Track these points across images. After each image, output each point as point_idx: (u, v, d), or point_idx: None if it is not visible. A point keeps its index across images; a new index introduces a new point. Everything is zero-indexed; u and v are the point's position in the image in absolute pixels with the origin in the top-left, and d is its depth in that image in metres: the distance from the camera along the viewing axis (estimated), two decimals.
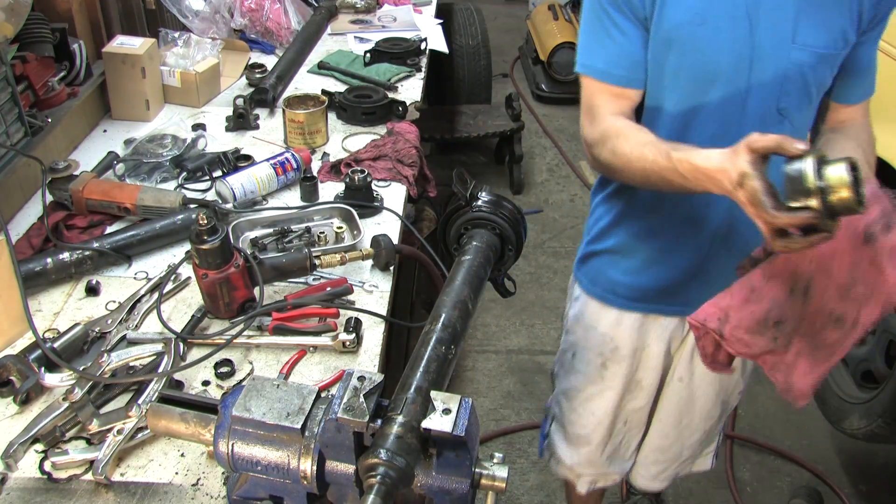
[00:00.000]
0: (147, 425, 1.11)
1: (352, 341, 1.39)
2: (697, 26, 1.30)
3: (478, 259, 1.17)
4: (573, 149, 4.82)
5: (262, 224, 1.72)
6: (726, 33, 1.30)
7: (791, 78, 1.34)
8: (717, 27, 1.30)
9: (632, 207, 1.56)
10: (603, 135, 1.37)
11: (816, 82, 1.37)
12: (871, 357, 2.54)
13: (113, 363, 1.27)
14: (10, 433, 1.18)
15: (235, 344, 1.38)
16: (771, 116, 1.37)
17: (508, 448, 2.80)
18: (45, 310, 1.48)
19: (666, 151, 1.22)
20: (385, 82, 2.45)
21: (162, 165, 1.91)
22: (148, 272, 1.58)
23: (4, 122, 1.74)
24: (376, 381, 0.85)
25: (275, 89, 2.29)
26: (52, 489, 1.12)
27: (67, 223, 1.69)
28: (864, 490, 2.71)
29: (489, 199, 1.27)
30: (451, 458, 0.81)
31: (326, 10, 2.86)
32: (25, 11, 1.79)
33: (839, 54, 1.35)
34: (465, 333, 1.02)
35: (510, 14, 6.80)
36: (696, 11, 1.30)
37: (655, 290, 1.61)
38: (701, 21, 1.30)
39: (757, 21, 1.30)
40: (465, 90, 4.37)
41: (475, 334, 3.33)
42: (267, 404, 0.86)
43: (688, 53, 1.33)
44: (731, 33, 1.30)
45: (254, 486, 0.91)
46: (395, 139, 2.05)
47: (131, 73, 2.12)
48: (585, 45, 1.41)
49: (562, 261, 3.83)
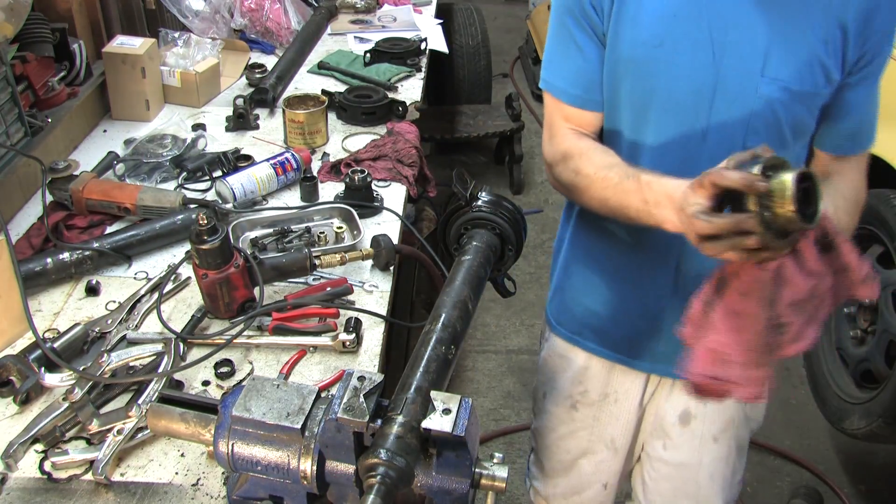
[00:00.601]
0: (147, 425, 1.11)
1: (352, 341, 1.39)
2: (654, 48, 1.20)
3: (478, 259, 1.17)
4: None
5: (262, 224, 1.72)
6: (685, 57, 1.19)
7: (759, 115, 1.21)
8: (676, 50, 1.19)
9: (592, 240, 1.47)
10: (564, 154, 1.31)
11: (791, 123, 1.23)
12: (871, 357, 2.54)
13: (113, 363, 1.26)
14: (10, 433, 1.18)
15: (235, 344, 1.38)
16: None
17: (508, 448, 2.80)
18: (45, 310, 1.48)
19: (635, 174, 1.16)
20: (385, 82, 2.45)
21: (162, 165, 1.91)
22: (148, 272, 1.58)
23: (4, 122, 1.74)
24: (376, 381, 0.85)
25: (275, 89, 2.29)
26: (52, 489, 1.12)
27: (67, 223, 1.69)
28: (864, 490, 2.71)
29: (489, 199, 1.27)
30: (451, 458, 0.81)
31: (326, 10, 2.86)
32: (25, 11, 1.79)
33: (819, 93, 1.21)
34: (465, 333, 1.02)
35: (510, 14, 6.80)
36: (653, 31, 1.19)
37: (620, 338, 1.50)
38: (658, 42, 1.19)
39: (722, 47, 1.18)
40: (465, 90, 4.37)
41: (475, 334, 3.33)
42: (267, 404, 0.86)
43: (643, 78, 1.22)
44: (691, 59, 1.19)
45: (254, 486, 0.91)
46: (395, 139, 2.05)
47: (131, 73, 2.12)
48: (547, 59, 1.34)
49: None
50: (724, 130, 1.22)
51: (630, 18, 1.20)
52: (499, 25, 6.45)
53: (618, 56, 1.23)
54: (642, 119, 1.26)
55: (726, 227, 0.96)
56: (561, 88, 1.32)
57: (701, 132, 1.23)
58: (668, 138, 1.25)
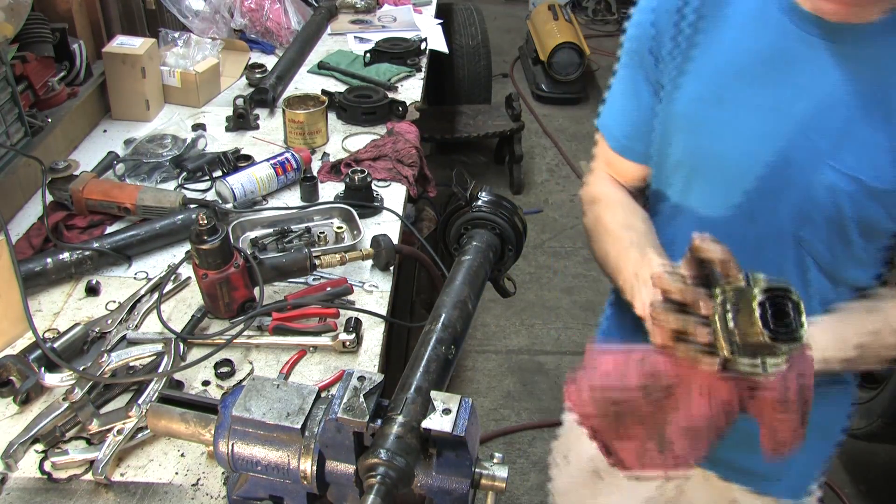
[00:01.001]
0: (147, 425, 1.11)
1: (352, 341, 1.39)
2: (710, 106, 1.06)
3: (478, 259, 1.16)
4: (573, 149, 4.82)
5: (262, 224, 1.72)
6: (743, 123, 1.04)
7: (819, 205, 1.02)
8: (734, 114, 1.04)
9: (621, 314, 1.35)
10: (593, 198, 1.26)
11: (859, 221, 1.02)
12: None
13: (113, 363, 1.26)
14: (10, 433, 1.18)
15: (235, 344, 1.38)
16: (786, 245, 1.08)
17: (508, 448, 2.80)
18: (45, 310, 1.48)
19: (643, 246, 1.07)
20: (385, 82, 2.45)
21: (162, 165, 1.91)
22: (148, 272, 1.58)
23: (4, 122, 1.74)
24: (376, 381, 0.84)
25: (275, 89, 2.29)
26: (52, 489, 1.12)
27: (67, 223, 1.69)
28: (864, 490, 2.71)
29: (489, 199, 1.27)
30: (451, 458, 0.81)
31: (326, 10, 2.86)
32: (25, 11, 1.79)
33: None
34: (465, 333, 1.02)
35: (510, 14, 6.80)
36: (712, 88, 1.05)
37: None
38: (716, 101, 1.05)
39: (788, 118, 1.01)
40: (465, 90, 4.37)
41: (475, 334, 3.33)
42: (267, 404, 0.86)
43: (694, 139, 1.09)
44: (750, 125, 1.04)
45: (254, 486, 0.91)
46: (395, 139, 2.05)
47: (131, 73, 2.12)
48: (608, 96, 1.25)
49: (562, 261, 3.83)
50: (775, 215, 1.06)
51: (693, 70, 1.07)
52: (499, 25, 6.45)
53: (672, 109, 1.11)
54: (689, 184, 1.14)
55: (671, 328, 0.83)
56: (609, 131, 1.25)
57: (749, 212, 1.08)
58: (713, 212, 1.11)
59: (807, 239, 1.06)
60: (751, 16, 1.04)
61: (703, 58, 1.07)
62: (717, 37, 1.06)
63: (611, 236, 1.16)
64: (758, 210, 1.07)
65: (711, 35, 1.07)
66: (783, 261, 1.07)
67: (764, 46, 1.03)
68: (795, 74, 1.01)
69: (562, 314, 3.50)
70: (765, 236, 1.07)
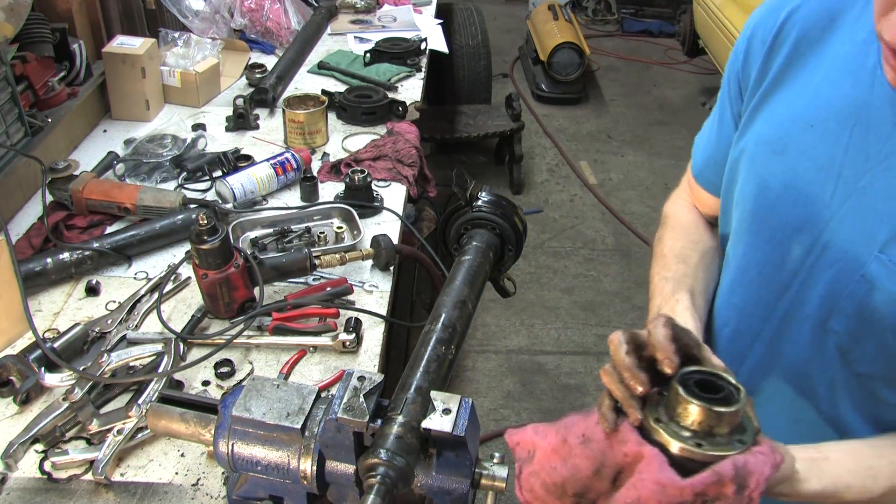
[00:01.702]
0: (147, 425, 1.11)
1: (352, 341, 1.39)
2: (773, 153, 0.96)
3: (478, 259, 1.16)
4: (573, 149, 4.82)
5: (262, 224, 1.72)
6: (800, 181, 0.93)
7: (855, 299, 0.89)
8: (794, 168, 0.93)
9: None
10: (665, 216, 1.23)
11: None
12: None
13: (113, 363, 1.26)
14: (10, 433, 1.18)
15: (235, 344, 1.38)
16: (815, 334, 0.96)
17: (508, 448, 2.80)
18: (45, 310, 1.48)
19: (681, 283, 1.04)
20: (385, 82, 2.45)
21: (162, 165, 1.91)
22: (148, 272, 1.58)
23: (4, 122, 1.74)
24: (376, 381, 0.84)
25: (275, 89, 2.29)
26: (52, 489, 1.12)
27: (67, 223, 1.69)
28: None
29: (489, 199, 1.27)
30: (451, 458, 0.81)
31: (326, 10, 2.86)
32: (25, 11, 1.79)
33: None
34: (465, 333, 1.02)
35: (510, 14, 6.81)
36: (780, 134, 0.95)
37: None
38: (781, 149, 0.95)
39: (846, 192, 0.88)
40: (465, 90, 4.37)
41: (475, 334, 3.33)
42: (267, 404, 0.86)
43: (753, 182, 1.00)
44: (805, 186, 0.92)
45: (254, 486, 0.91)
46: (395, 139, 2.05)
47: (131, 73, 2.12)
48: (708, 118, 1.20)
49: (562, 261, 3.83)
50: (808, 293, 0.95)
51: (770, 109, 0.99)
52: (499, 25, 6.45)
53: (743, 146, 1.03)
54: (741, 228, 1.05)
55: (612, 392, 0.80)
56: (694, 152, 1.21)
57: (785, 282, 0.98)
58: (753, 267, 1.03)
59: (836, 330, 0.93)
60: (846, 60, 0.92)
61: (784, 98, 0.98)
62: (805, 79, 0.96)
63: (661, 261, 1.14)
64: (794, 286, 0.97)
65: (800, 76, 0.97)
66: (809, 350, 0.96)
67: (848, 100, 0.90)
68: (873, 140, 0.87)
69: (562, 314, 3.50)
70: (793, 315, 0.97)
